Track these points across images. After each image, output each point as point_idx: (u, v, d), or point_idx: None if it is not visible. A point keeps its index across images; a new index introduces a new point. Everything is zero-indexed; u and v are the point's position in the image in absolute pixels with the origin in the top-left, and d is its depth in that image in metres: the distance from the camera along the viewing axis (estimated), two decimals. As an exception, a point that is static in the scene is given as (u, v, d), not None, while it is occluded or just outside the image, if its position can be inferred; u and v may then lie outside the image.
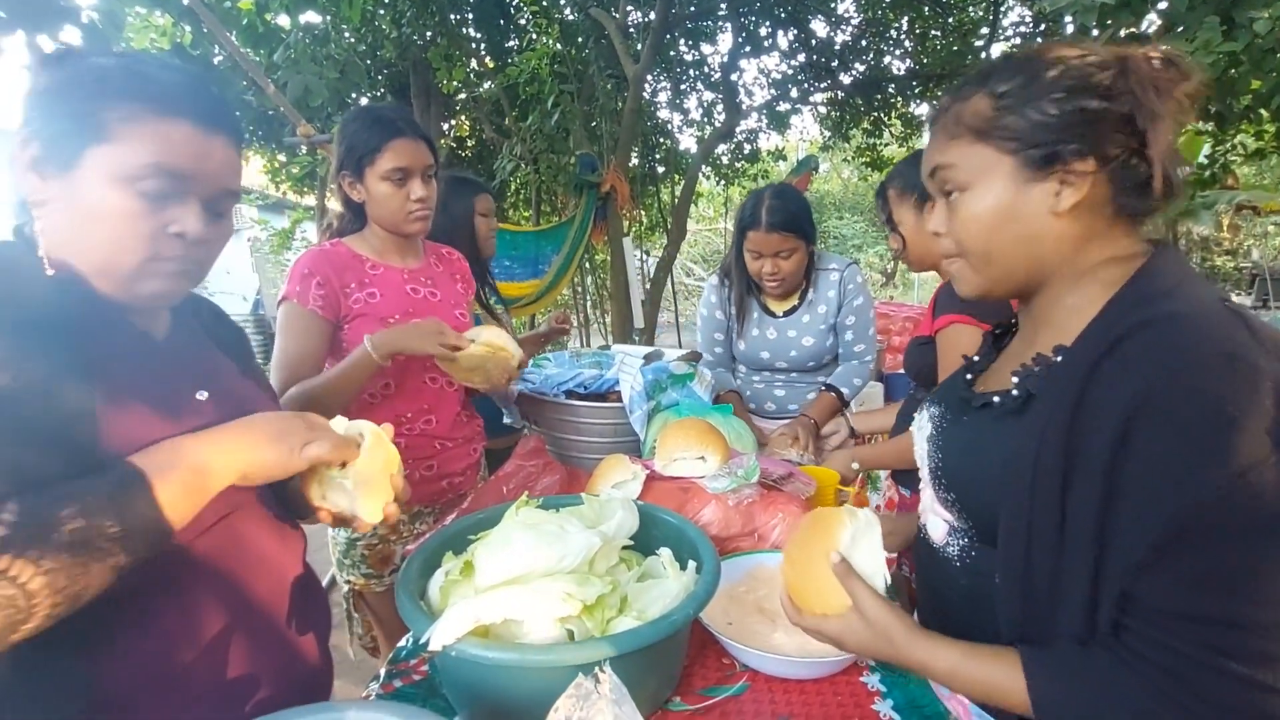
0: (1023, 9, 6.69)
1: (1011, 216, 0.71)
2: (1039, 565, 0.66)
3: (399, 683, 0.96)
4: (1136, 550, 0.59)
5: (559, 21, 6.07)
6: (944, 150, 0.76)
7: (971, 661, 0.69)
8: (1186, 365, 0.58)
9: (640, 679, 0.78)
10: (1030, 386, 0.70)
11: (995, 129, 0.71)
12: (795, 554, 0.83)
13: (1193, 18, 2.40)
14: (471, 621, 0.77)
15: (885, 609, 0.74)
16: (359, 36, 5.69)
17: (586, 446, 1.66)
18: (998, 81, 0.72)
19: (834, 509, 0.84)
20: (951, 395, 0.87)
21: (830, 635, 0.78)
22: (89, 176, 0.71)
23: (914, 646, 0.72)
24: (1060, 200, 0.69)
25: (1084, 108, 0.67)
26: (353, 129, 1.47)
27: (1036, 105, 0.69)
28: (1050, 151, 0.68)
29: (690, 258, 14.38)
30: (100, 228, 0.72)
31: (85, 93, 0.72)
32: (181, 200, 0.75)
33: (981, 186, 0.73)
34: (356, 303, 1.48)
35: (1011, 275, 0.75)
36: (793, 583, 0.83)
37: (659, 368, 1.66)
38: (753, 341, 2.03)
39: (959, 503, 0.78)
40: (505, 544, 0.87)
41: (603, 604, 0.83)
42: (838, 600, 0.77)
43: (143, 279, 0.75)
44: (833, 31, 7.50)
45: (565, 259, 5.10)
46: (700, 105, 7.93)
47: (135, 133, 0.72)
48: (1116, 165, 0.68)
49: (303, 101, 3.58)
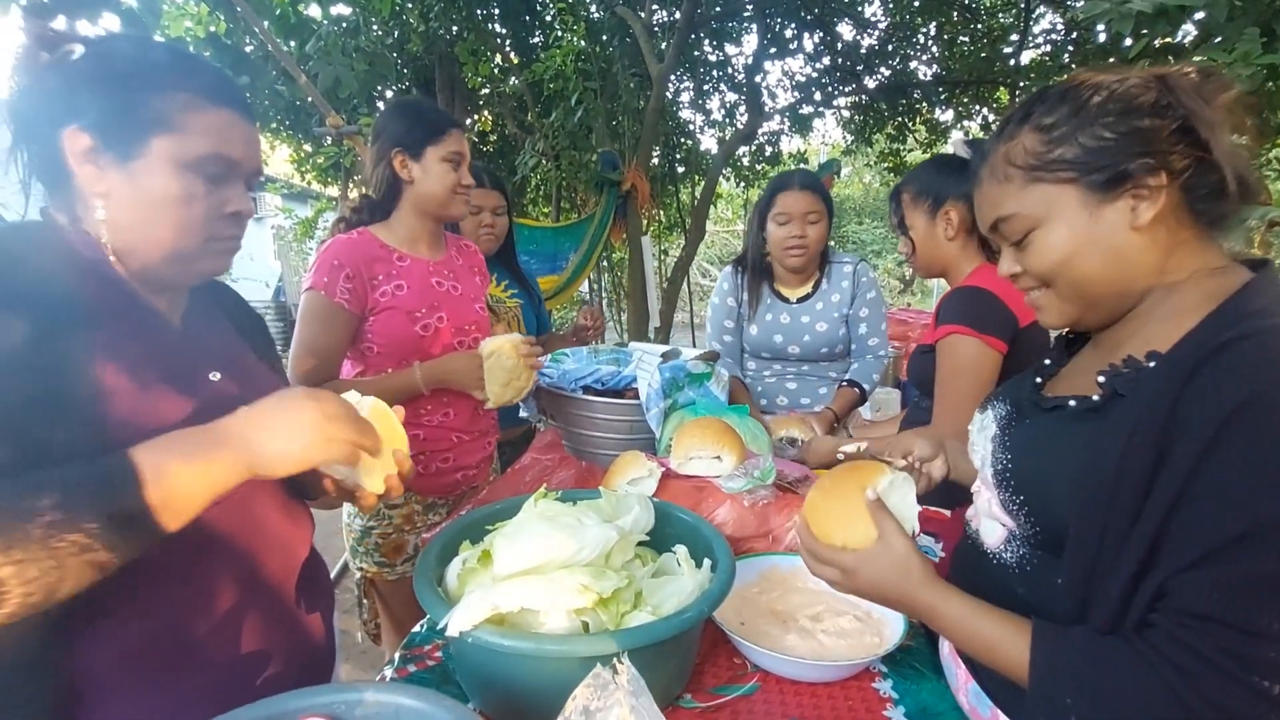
0: (1054, 16, 6.60)
1: (1090, 242, 0.72)
2: (1110, 576, 0.64)
3: (413, 667, 0.97)
4: (1192, 551, 0.58)
5: (585, 19, 6.07)
6: (998, 203, 0.77)
7: (981, 617, 0.71)
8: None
9: (652, 674, 0.78)
10: (1118, 386, 0.69)
11: (1049, 164, 0.72)
12: (827, 484, 0.85)
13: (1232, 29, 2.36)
14: (489, 609, 0.78)
15: (911, 547, 0.76)
16: (387, 30, 5.73)
17: (602, 442, 1.66)
18: (1042, 115, 0.73)
19: (871, 462, 0.87)
20: (1020, 395, 0.85)
21: (844, 565, 0.79)
22: (154, 165, 0.75)
23: (927, 588, 0.74)
24: (1138, 215, 0.70)
25: (1138, 127, 0.68)
26: (411, 112, 1.55)
27: (1089, 131, 0.70)
28: (1116, 172, 0.69)
29: (707, 259, 14.33)
30: (169, 212, 0.76)
31: (138, 83, 0.75)
32: (232, 183, 0.81)
33: (1052, 222, 0.73)
34: (383, 295, 1.50)
35: (1105, 299, 0.75)
36: (817, 507, 0.84)
37: (676, 366, 1.66)
38: (765, 326, 2.03)
39: (1026, 506, 0.75)
40: (524, 534, 0.88)
41: (618, 598, 0.83)
42: (862, 533, 0.78)
43: (204, 258, 0.81)
44: (859, 35, 7.44)
45: (584, 256, 5.11)
46: (723, 106, 7.90)
47: (195, 121, 0.76)
48: (1187, 174, 0.69)
49: (332, 92, 3.62)
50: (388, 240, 1.55)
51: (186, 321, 0.87)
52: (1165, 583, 0.60)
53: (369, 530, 1.61)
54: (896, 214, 1.61)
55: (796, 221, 1.90)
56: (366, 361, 1.55)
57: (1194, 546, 0.58)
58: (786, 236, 1.91)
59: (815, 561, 0.83)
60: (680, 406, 1.63)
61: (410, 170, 1.54)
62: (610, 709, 0.54)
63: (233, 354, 0.91)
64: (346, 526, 1.67)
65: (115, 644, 0.73)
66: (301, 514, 0.95)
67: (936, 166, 1.56)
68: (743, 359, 2.14)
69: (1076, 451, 0.70)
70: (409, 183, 1.54)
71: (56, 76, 0.74)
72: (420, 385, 1.48)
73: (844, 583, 0.80)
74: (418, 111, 1.56)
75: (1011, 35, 6.91)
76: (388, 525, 1.60)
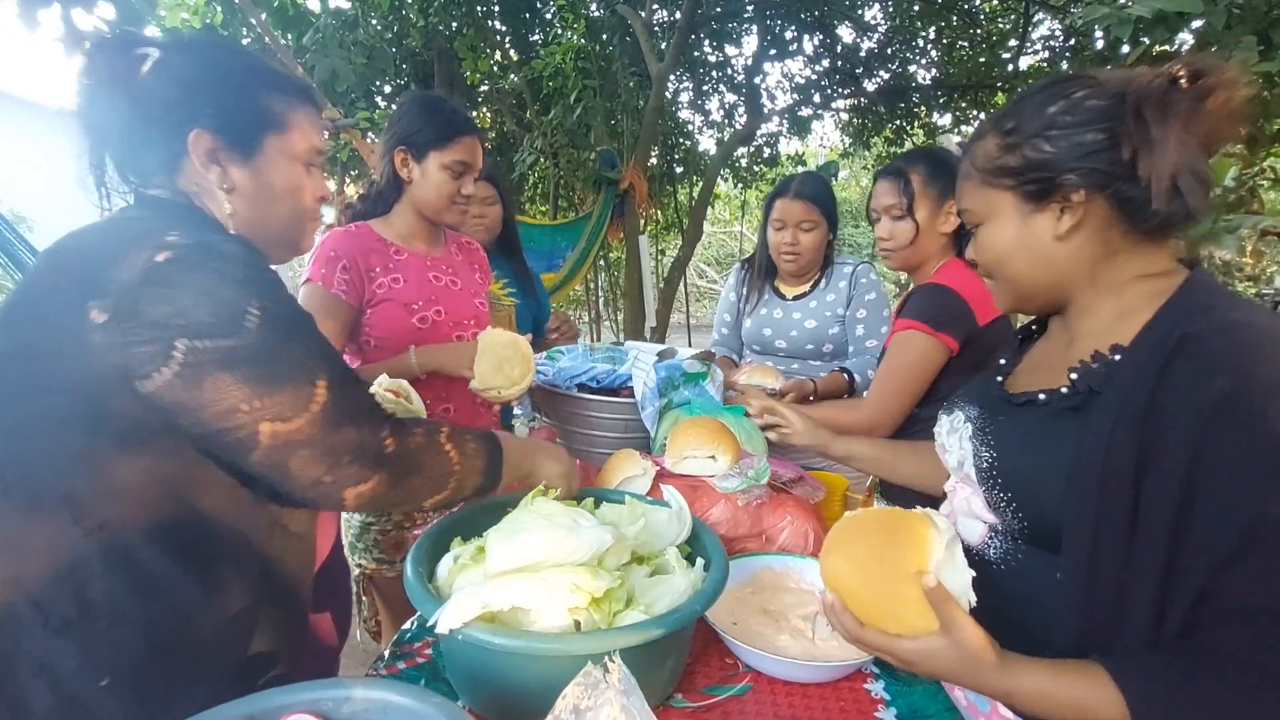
0: (1053, 22, 6.62)
1: (1021, 245, 0.79)
2: (1105, 563, 0.66)
3: (403, 664, 0.96)
4: (1220, 548, 0.60)
5: (585, 17, 6.07)
6: (963, 195, 0.85)
7: (1058, 682, 0.66)
8: (1264, 365, 0.61)
9: (644, 673, 0.77)
10: (1092, 383, 0.72)
11: (996, 169, 0.78)
12: (870, 565, 0.72)
13: (1229, 36, 2.37)
14: (479, 607, 0.77)
15: (982, 637, 0.68)
16: (386, 24, 5.71)
17: (597, 441, 1.66)
18: (1006, 120, 0.78)
19: (911, 514, 0.75)
20: (985, 395, 0.87)
21: (904, 656, 0.70)
22: (272, 160, 0.85)
23: (1002, 674, 0.68)
24: (1060, 225, 0.75)
25: (1082, 141, 0.72)
26: (425, 111, 1.51)
27: (1033, 143, 0.75)
28: (1044, 185, 0.75)
29: (704, 259, 14.34)
30: (289, 201, 0.89)
31: (250, 86, 0.85)
32: (317, 172, 0.93)
33: (993, 223, 0.81)
34: (380, 287, 1.49)
35: (1033, 295, 0.82)
36: (862, 598, 0.72)
37: (672, 365, 1.66)
38: (758, 319, 2.06)
39: (1015, 502, 0.76)
40: (518, 532, 0.87)
41: (610, 597, 0.83)
42: (922, 622, 0.69)
43: (307, 236, 0.95)
44: (859, 38, 7.45)
45: (581, 254, 5.11)
46: (722, 107, 7.90)
47: (294, 118, 0.87)
48: (1119, 188, 0.72)
49: (330, 85, 3.60)
50: (385, 234, 1.54)
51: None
52: (1208, 584, 0.61)
53: (368, 526, 1.60)
54: (905, 194, 1.48)
55: (790, 229, 1.92)
56: (365, 354, 1.54)
57: (1220, 542, 0.60)
58: (780, 243, 1.95)
59: (864, 646, 0.73)
60: (675, 406, 1.62)
61: (410, 170, 1.52)
62: (601, 708, 0.53)
63: None
64: (346, 523, 1.65)
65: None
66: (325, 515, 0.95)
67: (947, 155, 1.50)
68: (742, 353, 2.18)
69: (1062, 447, 0.71)
70: (408, 182, 1.53)
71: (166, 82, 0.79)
72: (415, 368, 1.46)
73: (899, 666, 0.72)
74: (432, 112, 1.51)
75: (1010, 40, 6.93)
76: (387, 521, 1.59)
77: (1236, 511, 0.59)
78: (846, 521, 0.77)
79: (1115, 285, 0.76)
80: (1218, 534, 0.60)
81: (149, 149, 0.81)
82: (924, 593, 0.69)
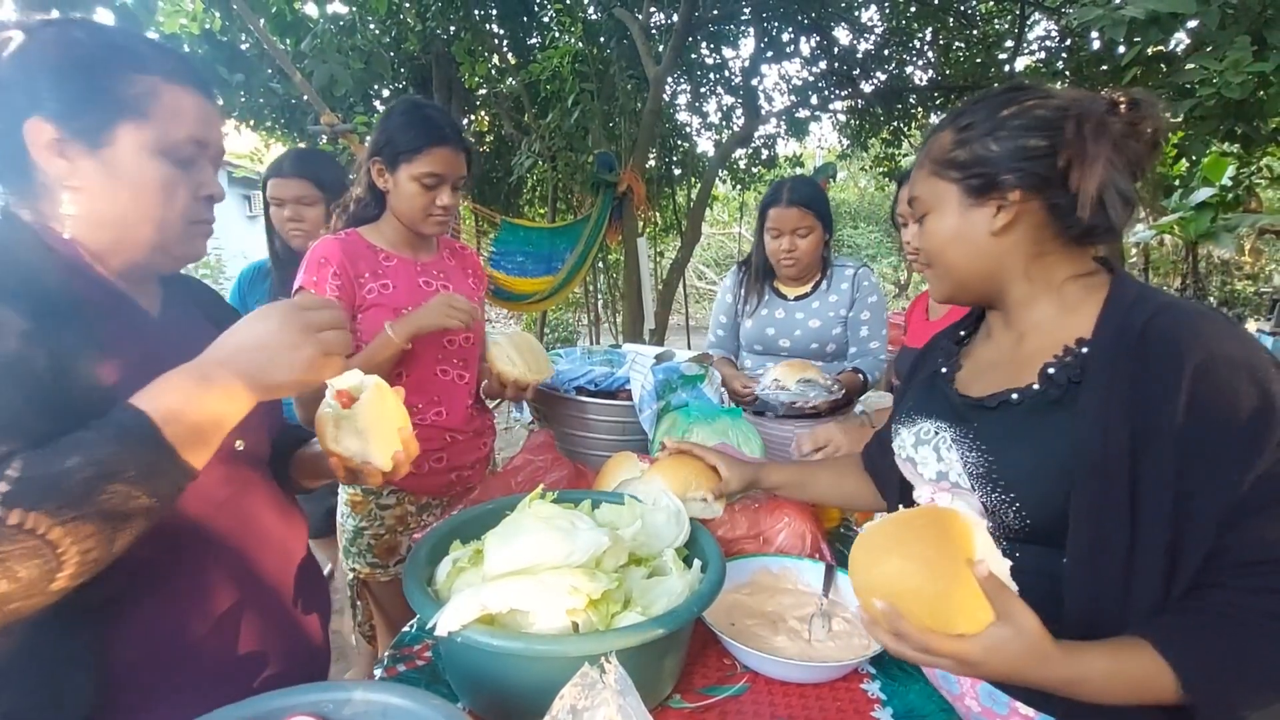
0: (1049, 23, 6.64)
1: (959, 236, 0.84)
2: (1111, 544, 0.70)
3: (402, 667, 0.97)
4: (1223, 510, 0.66)
5: (582, 20, 6.08)
6: (914, 183, 0.90)
7: (1119, 663, 0.66)
8: (1216, 338, 0.68)
9: (641, 674, 0.78)
10: (1069, 375, 0.76)
11: (946, 161, 0.84)
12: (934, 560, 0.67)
13: (1223, 37, 2.38)
14: (478, 609, 0.78)
15: (1038, 622, 0.66)
16: (384, 28, 5.73)
17: (595, 443, 1.66)
18: (963, 117, 0.83)
19: (941, 509, 0.72)
20: (944, 404, 0.90)
21: (966, 657, 0.66)
22: (126, 151, 0.73)
23: (1066, 663, 0.66)
24: (995, 222, 0.81)
25: (1025, 145, 0.78)
26: (399, 121, 1.47)
27: (983, 142, 0.80)
28: (986, 181, 0.80)
29: (703, 261, 14.35)
30: (147, 200, 0.75)
31: (100, 68, 0.72)
32: (203, 166, 0.80)
33: (937, 212, 0.86)
34: (370, 293, 1.49)
35: (968, 285, 0.88)
36: (927, 595, 0.66)
37: (670, 368, 1.66)
38: (759, 320, 2.07)
39: (1019, 501, 0.77)
40: (516, 535, 0.88)
41: (608, 599, 0.83)
42: (983, 615, 0.65)
43: (185, 241, 0.80)
44: (855, 40, 7.46)
45: (579, 257, 5.11)
46: (719, 109, 7.92)
47: (160, 105, 0.74)
48: (1051, 194, 0.78)
49: (328, 91, 3.61)
50: (374, 240, 1.55)
51: (164, 314, 0.86)
52: (1219, 543, 0.66)
53: (361, 531, 1.60)
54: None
55: (787, 236, 1.96)
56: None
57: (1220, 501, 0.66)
58: (778, 250, 1.98)
59: (924, 654, 0.68)
60: (674, 408, 1.63)
61: (386, 181, 1.50)
62: (597, 708, 0.54)
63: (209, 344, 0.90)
64: (340, 527, 1.66)
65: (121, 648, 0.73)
66: (296, 515, 0.95)
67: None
68: (740, 355, 2.19)
69: (1055, 440, 0.75)
70: (385, 192, 1.52)
71: (10, 66, 0.70)
72: (395, 340, 1.42)
73: (962, 672, 0.68)
74: (409, 120, 1.47)
75: (1006, 42, 6.95)
76: (380, 526, 1.60)
77: (1233, 473, 0.66)
78: (884, 525, 0.71)
79: (1051, 284, 0.83)
80: (1220, 496, 0.66)
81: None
82: (980, 582, 0.65)
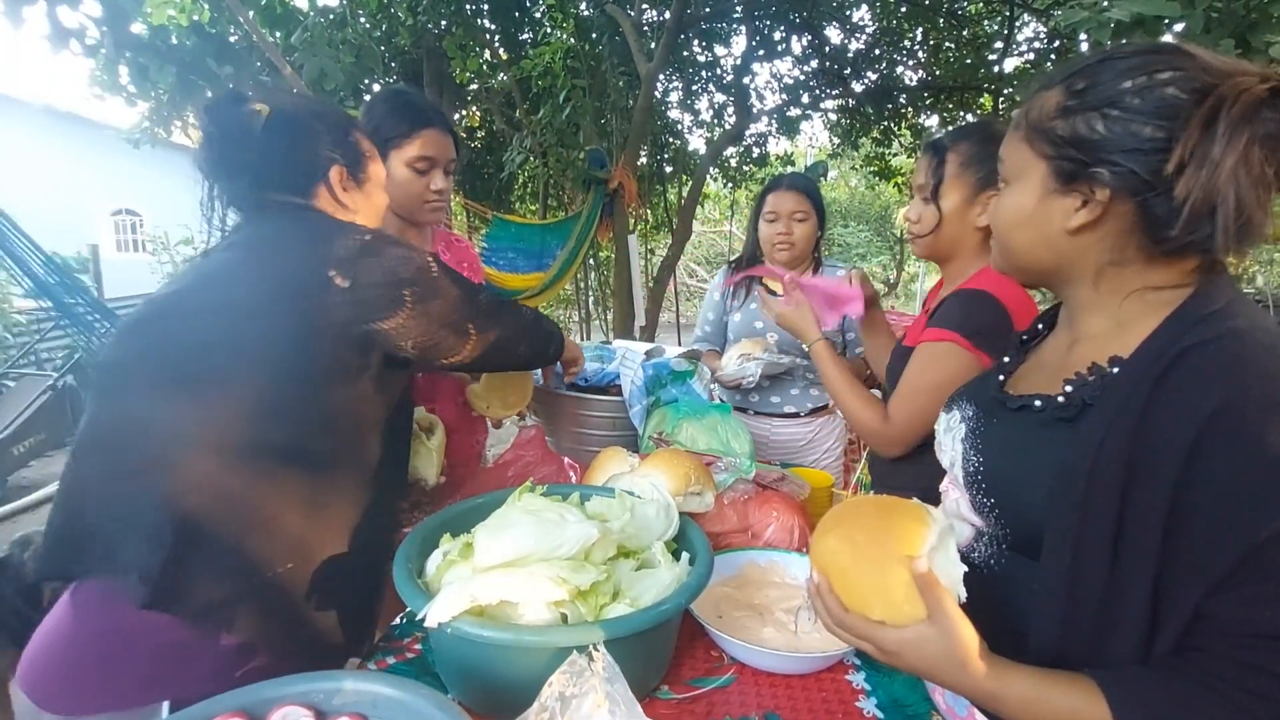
0: (1038, 25, 6.69)
1: (1031, 222, 0.73)
2: (1087, 579, 0.63)
3: (392, 659, 0.98)
4: (1215, 570, 0.57)
5: (574, 16, 6.07)
6: (1006, 144, 0.77)
7: (1046, 690, 0.63)
8: (1260, 380, 0.57)
9: (630, 665, 0.79)
10: (1085, 396, 0.68)
11: (1044, 131, 0.70)
12: (857, 537, 0.70)
13: (1208, 40, 2.41)
14: (468, 601, 0.78)
15: (971, 631, 0.65)
16: (375, 22, 5.69)
17: (586, 438, 1.67)
18: (1080, 78, 0.68)
19: (908, 502, 0.73)
20: (983, 396, 0.83)
21: (885, 646, 0.67)
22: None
23: (988, 676, 0.64)
24: (1073, 219, 0.69)
25: (1138, 133, 0.63)
26: (384, 109, 1.46)
27: (1088, 117, 0.66)
28: (1078, 168, 0.67)
29: (694, 259, 14.37)
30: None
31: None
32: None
33: (1017, 185, 0.74)
34: None
35: (1028, 270, 0.77)
36: (846, 572, 0.70)
37: (660, 364, 1.67)
38: (748, 313, 2.10)
39: (998, 508, 0.75)
40: (505, 528, 0.88)
41: (596, 591, 0.84)
42: (909, 609, 0.66)
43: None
44: (846, 39, 7.49)
45: (570, 254, 5.11)
46: (711, 107, 7.92)
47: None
48: (1148, 199, 0.64)
49: (318, 84, 3.59)
50: None
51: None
52: (1204, 606, 0.58)
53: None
54: (935, 174, 1.29)
55: (784, 220, 1.98)
56: None
57: (1216, 564, 0.57)
58: (774, 234, 1.99)
59: (843, 632, 0.71)
60: (664, 403, 1.64)
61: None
62: (585, 695, 0.55)
63: None
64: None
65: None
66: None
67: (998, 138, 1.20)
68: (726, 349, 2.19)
69: (1049, 458, 0.69)
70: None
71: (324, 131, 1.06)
72: None
73: (881, 659, 0.69)
74: (392, 107, 1.46)
75: (996, 43, 7.00)
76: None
77: (1234, 532, 0.56)
78: (843, 505, 0.77)
79: (1119, 292, 0.70)
80: (1215, 554, 0.57)
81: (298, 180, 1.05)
82: (914, 578, 0.66)
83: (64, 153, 11.72)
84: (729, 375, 1.91)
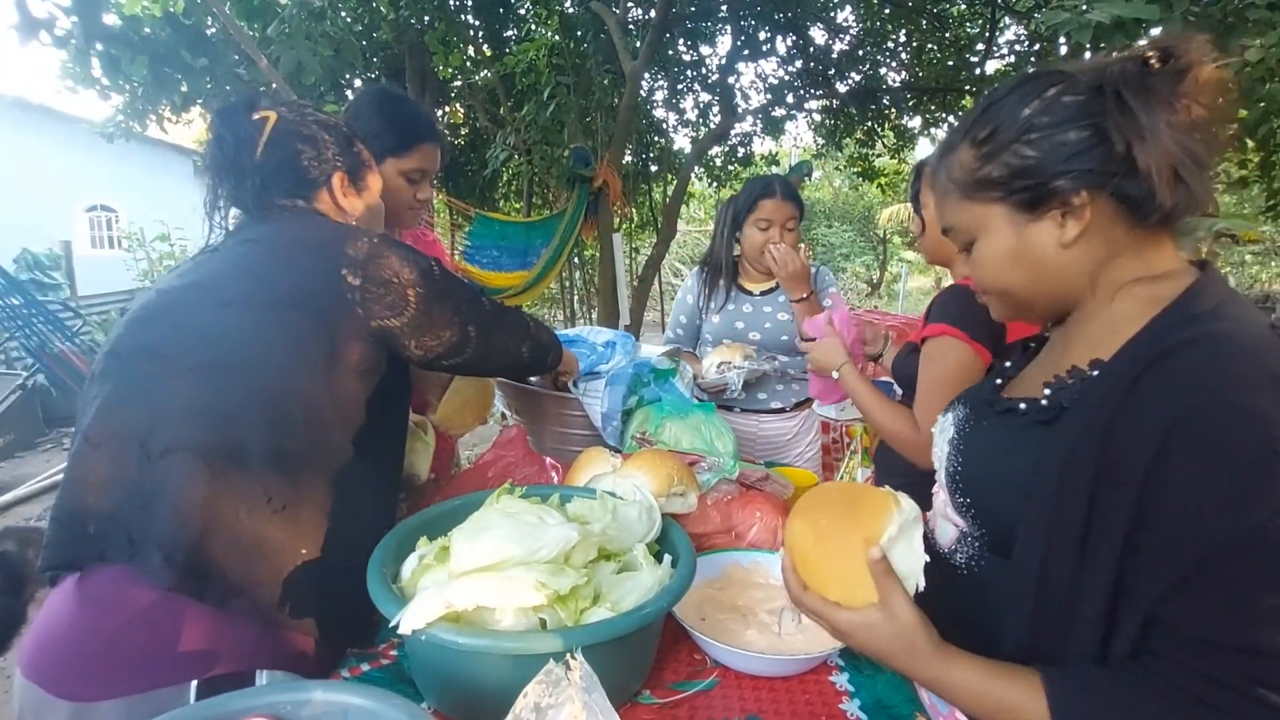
0: (1019, 27, 6.77)
1: (1019, 258, 0.73)
2: (1054, 579, 0.64)
3: (366, 666, 0.95)
4: (1171, 574, 0.57)
5: (559, 13, 6.04)
6: (945, 213, 0.79)
7: (990, 681, 0.65)
8: (1232, 385, 0.56)
9: (611, 670, 0.77)
10: (1063, 399, 0.68)
11: (976, 182, 0.73)
12: (822, 523, 0.75)
13: (1185, 44, 2.44)
14: (443, 606, 0.76)
15: (917, 616, 0.68)
16: (356, 16, 5.62)
17: (568, 438, 1.65)
18: (978, 128, 0.72)
19: (877, 490, 0.77)
20: (977, 398, 0.84)
21: (838, 626, 0.71)
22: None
23: (932, 662, 0.67)
24: (1065, 233, 0.69)
25: (1067, 140, 0.67)
26: (386, 114, 1.43)
27: (1013, 149, 0.69)
28: (1037, 192, 0.69)
29: (679, 258, 14.38)
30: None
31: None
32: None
33: (985, 238, 0.75)
34: None
35: (1035, 307, 0.77)
36: (808, 555, 0.74)
37: (641, 363, 1.66)
38: (727, 315, 2.10)
39: (974, 508, 0.76)
40: (482, 531, 0.86)
41: (576, 595, 0.83)
42: (861, 593, 0.70)
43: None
44: (830, 40, 7.54)
45: (554, 252, 5.09)
46: (696, 106, 7.93)
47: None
48: (1118, 185, 0.66)
49: (295, 78, 3.53)
50: None
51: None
52: (1158, 610, 0.58)
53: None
54: (914, 187, 1.48)
55: (777, 229, 1.97)
56: None
57: (1172, 569, 0.57)
58: (766, 242, 1.97)
59: (804, 609, 0.75)
60: (647, 402, 1.62)
61: None
62: (562, 705, 0.53)
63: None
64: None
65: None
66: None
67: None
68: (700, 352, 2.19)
69: (1024, 459, 0.69)
70: None
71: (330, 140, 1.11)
72: None
73: (839, 639, 0.73)
74: (392, 115, 1.44)
75: (978, 45, 7.07)
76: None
77: (1190, 539, 0.56)
78: (814, 490, 0.82)
79: (1111, 289, 0.70)
80: (1170, 560, 0.57)
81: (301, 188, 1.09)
82: (869, 565, 0.69)
83: (37, 147, 11.45)
84: (710, 384, 1.92)
